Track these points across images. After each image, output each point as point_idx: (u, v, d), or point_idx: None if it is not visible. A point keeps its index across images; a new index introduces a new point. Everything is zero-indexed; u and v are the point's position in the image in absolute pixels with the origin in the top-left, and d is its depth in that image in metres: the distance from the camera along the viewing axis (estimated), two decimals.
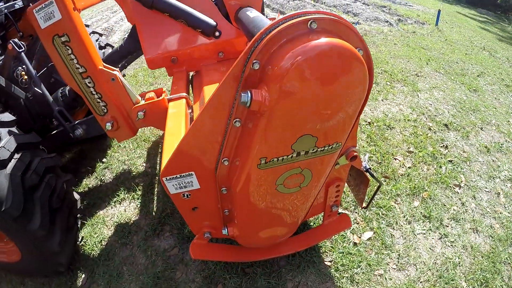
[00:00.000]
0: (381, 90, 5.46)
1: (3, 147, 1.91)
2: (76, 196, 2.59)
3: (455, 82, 6.31)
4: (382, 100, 5.14)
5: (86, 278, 2.51)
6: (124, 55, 2.46)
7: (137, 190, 3.26)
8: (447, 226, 2.97)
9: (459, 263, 2.67)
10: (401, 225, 2.94)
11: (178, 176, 1.58)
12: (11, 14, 2.64)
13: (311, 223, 2.87)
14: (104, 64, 1.89)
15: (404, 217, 3.01)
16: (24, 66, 2.50)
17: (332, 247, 2.67)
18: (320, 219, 2.90)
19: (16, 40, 2.25)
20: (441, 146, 4.06)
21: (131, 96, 1.89)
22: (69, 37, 1.68)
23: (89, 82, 1.81)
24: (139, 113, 1.83)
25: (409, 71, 6.60)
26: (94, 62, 1.79)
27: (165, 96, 2.07)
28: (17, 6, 2.60)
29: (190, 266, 2.55)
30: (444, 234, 2.89)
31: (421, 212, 3.07)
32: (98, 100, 1.85)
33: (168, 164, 1.57)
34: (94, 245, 2.73)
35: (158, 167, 3.54)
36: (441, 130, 4.43)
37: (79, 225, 2.65)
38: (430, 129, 4.42)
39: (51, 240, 2.12)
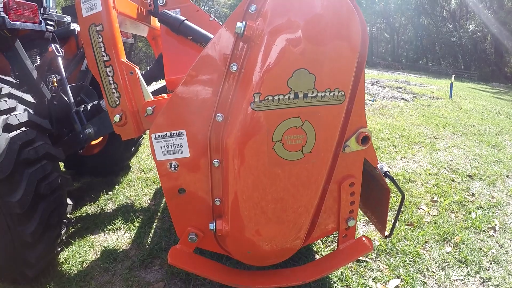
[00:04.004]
0: (399, 151, 5.48)
1: (15, 115, 2.08)
2: (69, 201, 2.52)
3: (474, 141, 6.26)
4: (400, 159, 5.13)
5: None
6: (147, 79, 2.71)
7: (136, 222, 3.21)
8: (488, 270, 2.66)
9: None
10: (434, 272, 2.66)
11: (168, 134, 1.55)
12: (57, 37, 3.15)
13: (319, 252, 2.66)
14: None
15: (436, 263, 2.74)
16: (56, 75, 2.87)
17: None
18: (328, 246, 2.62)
19: (57, 45, 2.62)
20: (468, 194, 3.86)
21: (144, 93, 1.97)
22: (103, 27, 1.93)
23: (109, 71, 1.96)
24: (148, 108, 1.83)
25: (427, 135, 6.66)
26: (119, 53, 1.97)
27: None
28: (66, 20, 3.24)
29: None
30: (486, 277, 2.57)
31: (455, 257, 2.79)
32: (114, 90, 1.97)
33: (160, 117, 1.53)
34: (74, 265, 2.60)
35: (162, 205, 3.52)
36: (465, 180, 4.27)
37: (62, 233, 2.49)
38: (453, 180, 4.27)
39: (25, 225, 2.03)
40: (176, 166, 1.64)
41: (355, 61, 1.51)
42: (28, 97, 2.41)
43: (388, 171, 1.84)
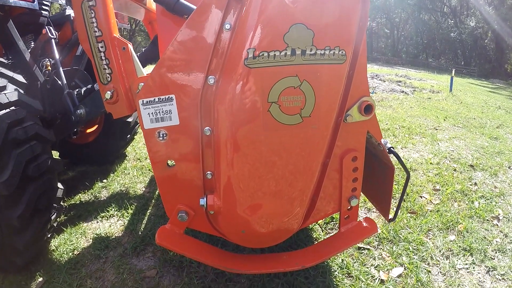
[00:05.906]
0: (400, 141, 5.40)
1: (4, 93, 2.04)
2: (60, 185, 2.44)
3: (475, 133, 6.20)
4: (401, 148, 5.05)
5: (42, 283, 2.25)
6: (143, 61, 2.63)
7: (129, 209, 3.14)
8: (493, 259, 2.59)
9: None
10: (438, 260, 2.59)
11: (156, 99, 1.45)
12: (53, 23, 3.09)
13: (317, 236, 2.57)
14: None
15: (440, 251, 2.67)
16: (50, 59, 2.81)
17: (352, 285, 2.29)
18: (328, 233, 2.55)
19: (51, 28, 2.58)
20: (470, 184, 3.79)
21: (137, 69, 1.89)
22: (96, 2, 1.86)
23: (101, 47, 1.89)
24: (140, 84, 1.73)
25: (427, 126, 6.59)
26: (111, 29, 1.89)
27: None
28: (60, 2, 3.20)
29: None
30: (491, 266, 2.50)
31: (459, 246, 2.72)
32: (105, 66, 1.90)
33: (149, 81, 1.43)
34: (64, 252, 2.53)
35: (157, 193, 3.44)
36: (467, 170, 4.20)
37: (52, 219, 2.40)
38: (455, 170, 4.20)
39: (12, 208, 1.96)
40: (164, 135, 1.53)
41: (356, 19, 1.40)
42: (20, 77, 2.33)
43: (393, 147, 1.71)
